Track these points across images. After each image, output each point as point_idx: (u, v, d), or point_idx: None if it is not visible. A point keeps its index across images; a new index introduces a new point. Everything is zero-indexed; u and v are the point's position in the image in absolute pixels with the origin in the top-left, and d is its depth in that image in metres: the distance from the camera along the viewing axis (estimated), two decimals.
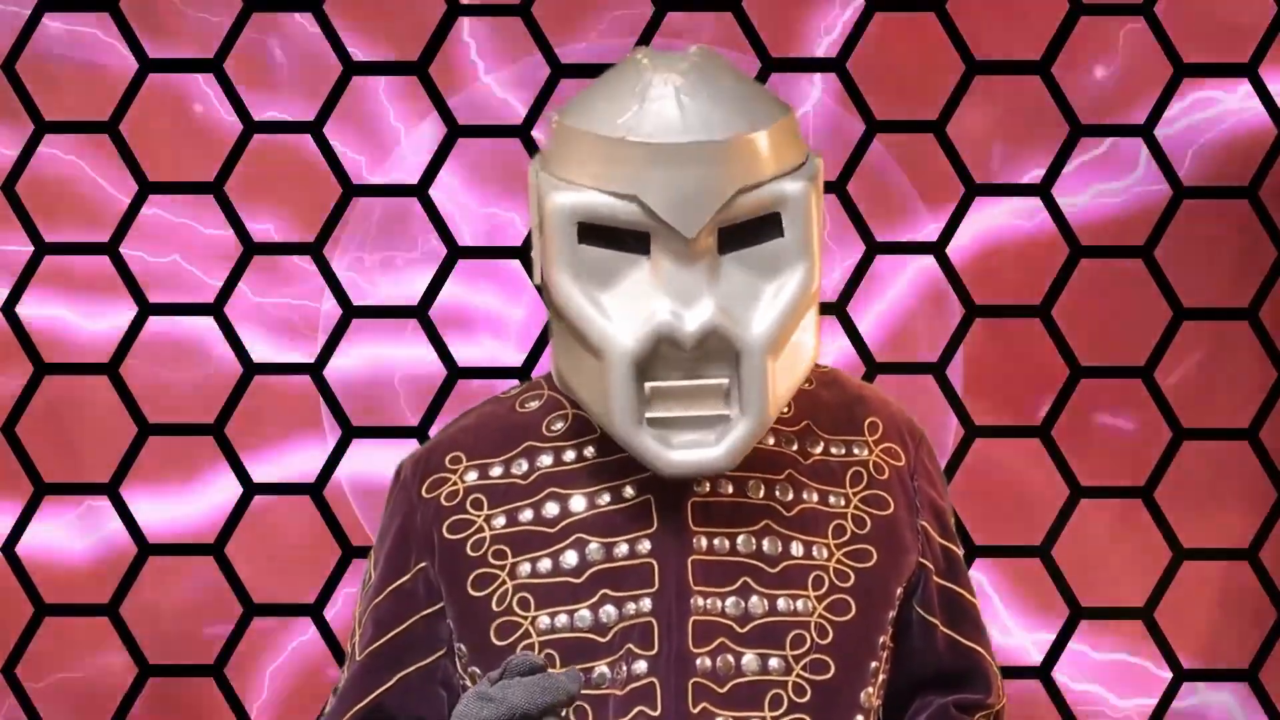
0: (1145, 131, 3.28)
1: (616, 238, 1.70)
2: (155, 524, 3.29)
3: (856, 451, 1.83)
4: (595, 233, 1.70)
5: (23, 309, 3.28)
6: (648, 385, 1.69)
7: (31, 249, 3.28)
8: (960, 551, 1.88)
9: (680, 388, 1.69)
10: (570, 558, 1.75)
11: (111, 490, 3.28)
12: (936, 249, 3.28)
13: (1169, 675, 3.28)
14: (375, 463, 3.27)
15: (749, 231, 1.70)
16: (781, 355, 1.71)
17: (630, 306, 1.69)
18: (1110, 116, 3.29)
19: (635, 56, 1.76)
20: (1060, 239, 3.28)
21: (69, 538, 3.29)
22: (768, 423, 1.70)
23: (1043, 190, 3.28)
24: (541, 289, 1.77)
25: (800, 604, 1.74)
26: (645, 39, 3.26)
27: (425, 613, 1.80)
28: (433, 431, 3.24)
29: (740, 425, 1.69)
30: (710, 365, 1.69)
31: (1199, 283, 3.28)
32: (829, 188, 3.25)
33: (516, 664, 1.62)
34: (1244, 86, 3.28)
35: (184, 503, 3.29)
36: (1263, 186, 3.28)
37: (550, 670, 1.65)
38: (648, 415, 1.69)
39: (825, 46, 3.29)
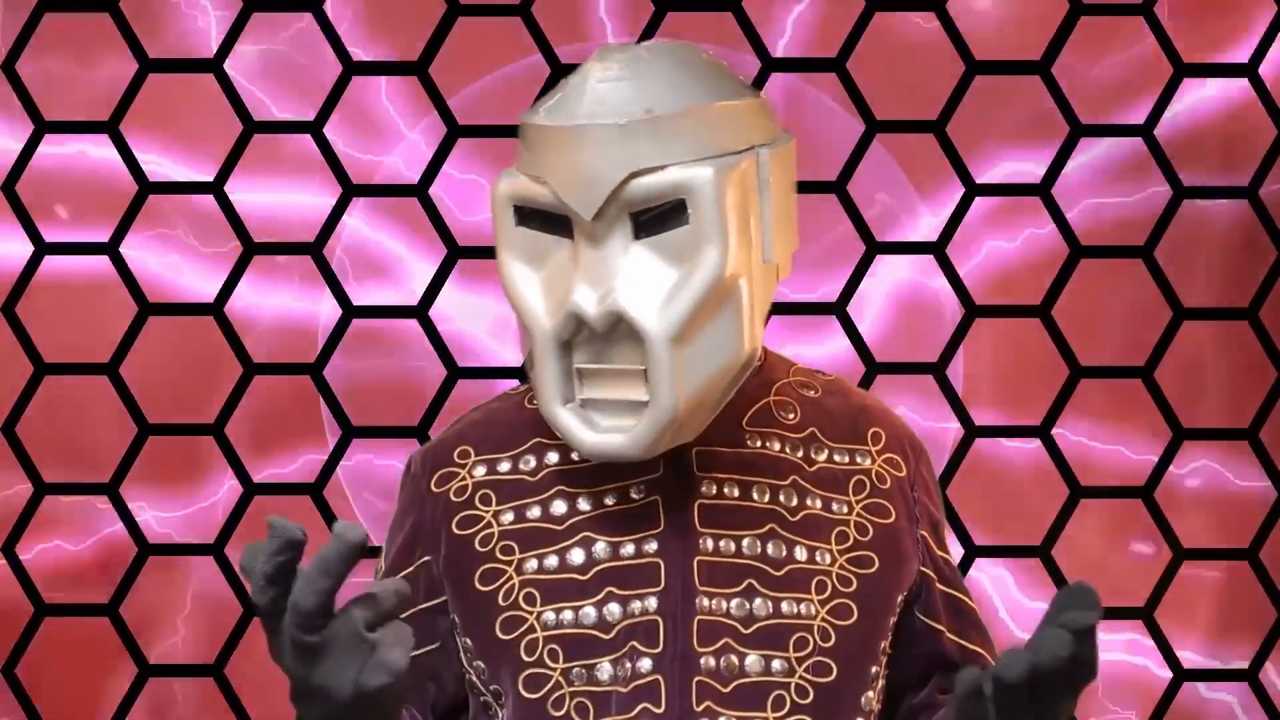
0: (1145, 131, 3.28)
1: (548, 222, 1.72)
2: (155, 524, 3.29)
3: (860, 460, 1.84)
4: (529, 216, 1.73)
5: (23, 309, 3.28)
6: (578, 366, 1.71)
7: (31, 249, 3.28)
8: (954, 561, 1.91)
9: (605, 370, 1.71)
10: (577, 555, 1.76)
11: (111, 490, 3.28)
12: (936, 249, 3.28)
13: (1169, 675, 3.28)
14: (375, 463, 3.27)
15: (662, 219, 1.69)
16: (692, 344, 1.68)
17: (555, 287, 1.71)
18: (1110, 116, 3.30)
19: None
20: (1060, 239, 3.28)
21: (69, 538, 3.29)
22: (676, 412, 1.68)
23: (1043, 190, 3.29)
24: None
25: (803, 607, 1.75)
26: (645, 39, 3.26)
27: (423, 606, 1.81)
28: (433, 432, 3.24)
29: (647, 415, 1.68)
30: (626, 351, 1.69)
31: (1199, 283, 3.29)
32: (829, 188, 3.25)
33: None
34: (1244, 86, 3.28)
35: (184, 503, 3.29)
36: (1263, 186, 3.28)
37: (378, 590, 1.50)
38: (581, 396, 1.71)
39: (825, 46, 3.30)
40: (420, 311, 3.28)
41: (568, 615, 1.75)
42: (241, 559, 1.43)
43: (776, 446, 1.81)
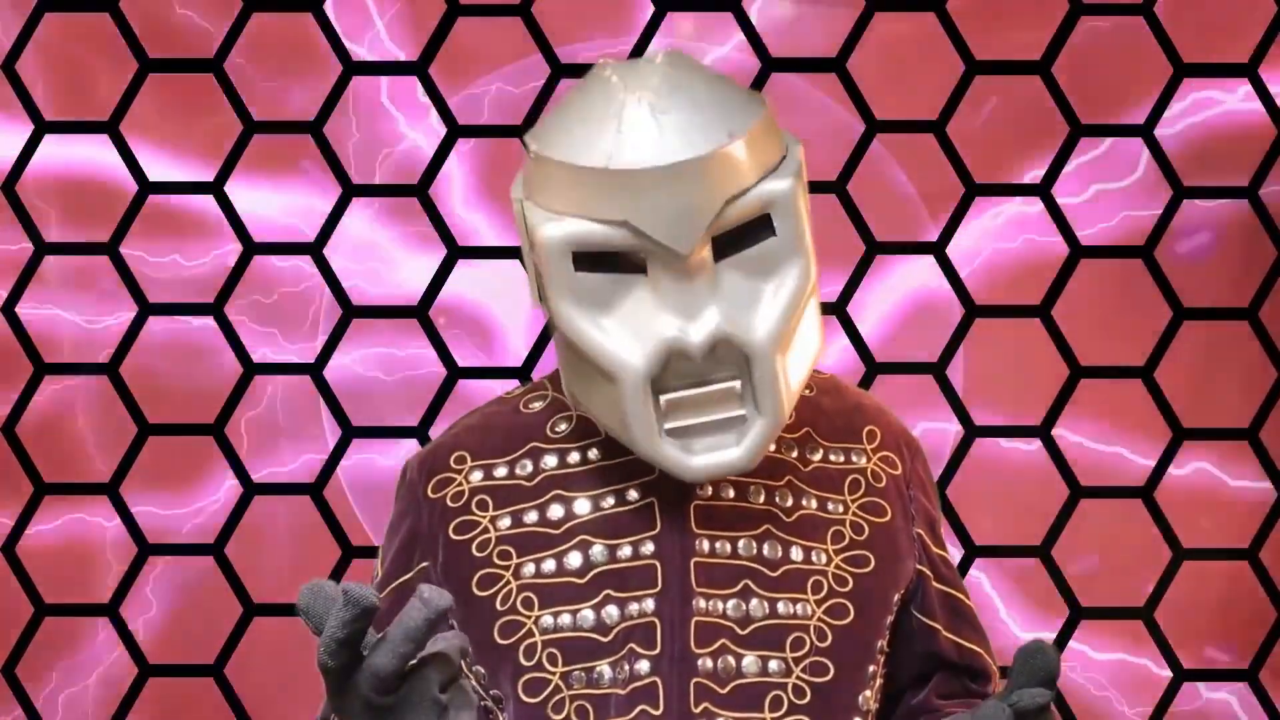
0: (1145, 131, 3.28)
1: (612, 261, 1.70)
2: (155, 524, 3.29)
3: (855, 459, 1.84)
4: (590, 259, 1.69)
5: (23, 309, 3.28)
6: (663, 399, 1.69)
7: (31, 249, 3.28)
8: (952, 559, 1.90)
9: (694, 395, 1.70)
10: (574, 559, 1.76)
11: (111, 490, 3.28)
12: (936, 249, 3.28)
13: (1169, 675, 3.28)
14: (375, 463, 3.27)
15: (741, 236, 1.70)
16: (790, 351, 1.71)
17: (635, 327, 1.69)
18: (1110, 116, 3.29)
19: (603, 74, 1.74)
20: (1060, 239, 3.28)
21: (69, 538, 3.29)
22: (784, 419, 1.71)
23: (1043, 190, 3.29)
24: (543, 305, 1.77)
25: (800, 608, 1.75)
26: (645, 39, 3.26)
27: None
28: (433, 432, 3.24)
29: (758, 424, 1.69)
30: (719, 369, 1.69)
31: (1199, 283, 3.28)
32: (829, 188, 3.25)
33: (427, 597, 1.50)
34: (1244, 86, 3.28)
35: (184, 503, 3.29)
36: (1263, 186, 3.28)
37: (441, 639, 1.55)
38: (667, 426, 1.69)
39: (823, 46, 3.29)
40: (420, 311, 3.28)
41: (566, 619, 1.75)
42: (301, 601, 1.46)
43: (772, 447, 1.81)
